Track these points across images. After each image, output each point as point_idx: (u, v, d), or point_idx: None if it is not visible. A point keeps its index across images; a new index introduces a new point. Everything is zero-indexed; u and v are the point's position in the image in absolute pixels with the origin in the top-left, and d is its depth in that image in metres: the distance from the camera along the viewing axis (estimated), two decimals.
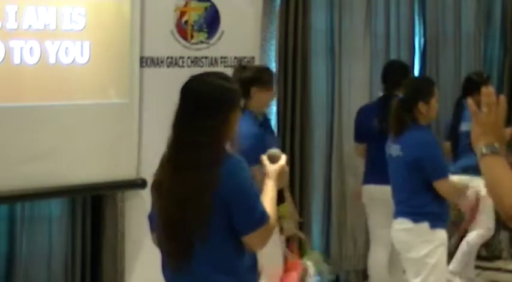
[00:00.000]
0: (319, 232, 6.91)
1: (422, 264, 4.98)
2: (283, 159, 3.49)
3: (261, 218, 3.22)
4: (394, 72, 6.21)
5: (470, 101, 2.66)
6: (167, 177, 3.25)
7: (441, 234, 4.99)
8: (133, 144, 5.40)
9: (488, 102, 2.58)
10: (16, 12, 4.86)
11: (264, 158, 3.50)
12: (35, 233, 5.24)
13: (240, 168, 3.21)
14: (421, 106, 5.02)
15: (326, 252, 6.89)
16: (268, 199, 3.33)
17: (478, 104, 2.62)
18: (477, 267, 7.18)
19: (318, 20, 6.83)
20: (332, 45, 6.90)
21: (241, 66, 5.39)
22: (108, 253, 5.44)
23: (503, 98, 2.60)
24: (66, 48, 5.06)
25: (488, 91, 2.60)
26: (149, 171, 5.27)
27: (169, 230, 3.23)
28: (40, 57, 4.95)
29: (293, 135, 6.58)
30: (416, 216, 4.97)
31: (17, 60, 4.88)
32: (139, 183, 5.37)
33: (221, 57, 5.66)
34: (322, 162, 6.87)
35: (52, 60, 5.01)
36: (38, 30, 4.95)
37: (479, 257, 7.03)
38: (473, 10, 7.94)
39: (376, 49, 7.18)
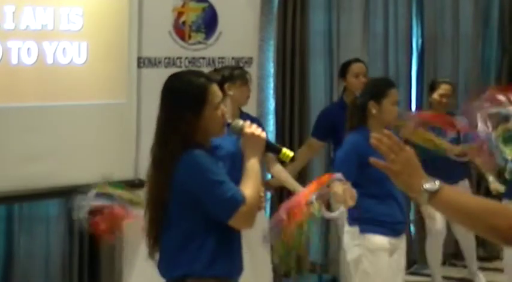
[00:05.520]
0: (317, 233, 6.90)
1: (354, 268, 4.78)
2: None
3: (232, 203, 3.22)
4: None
5: (373, 161, 2.35)
6: (149, 172, 3.38)
7: (375, 240, 4.68)
8: (131, 145, 5.39)
9: (384, 150, 2.30)
10: (13, 13, 4.87)
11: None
12: (33, 233, 5.25)
13: (195, 162, 3.23)
14: (372, 106, 4.67)
15: (325, 253, 6.89)
16: (248, 180, 3.29)
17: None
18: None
19: (316, 20, 6.84)
20: (330, 46, 6.91)
21: (214, 70, 5.42)
22: (106, 253, 5.45)
23: (387, 132, 2.33)
24: (64, 48, 5.07)
25: (376, 137, 2.30)
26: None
27: (147, 225, 3.38)
28: (37, 58, 4.96)
29: (291, 135, 6.59)
30: (350, 219, 4.77)
31: (14, 61, 4.89)
32: (137, 184, 5.36)
33: (219, 58, 5.66)
34: (321, 162, 6.87)
35: (50, 60, 5.02)
36: (35, 30, 4.96)
37: (478, 258, 7.01)
38: (471, 11, 7.94)
39: (374, 50, 7.18)
